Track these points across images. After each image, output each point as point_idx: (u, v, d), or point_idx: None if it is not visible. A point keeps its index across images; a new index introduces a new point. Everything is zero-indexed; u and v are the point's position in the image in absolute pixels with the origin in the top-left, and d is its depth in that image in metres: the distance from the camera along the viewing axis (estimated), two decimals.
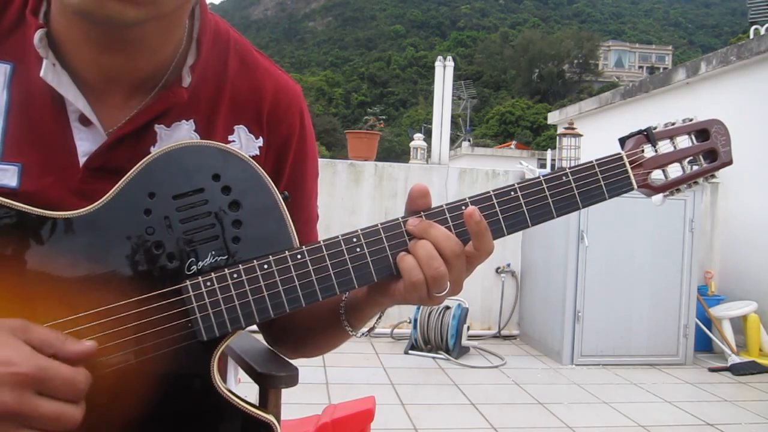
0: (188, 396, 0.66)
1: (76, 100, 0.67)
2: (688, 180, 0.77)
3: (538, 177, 0.72)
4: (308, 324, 0.82)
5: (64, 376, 0.55)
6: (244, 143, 0.77)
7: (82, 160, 0.68)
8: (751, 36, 6.02)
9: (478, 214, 0.66)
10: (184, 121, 0.73)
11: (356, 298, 0.75)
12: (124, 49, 0.67)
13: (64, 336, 0.57)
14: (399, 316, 4.73)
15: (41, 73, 0.65)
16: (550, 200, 0.71)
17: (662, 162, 0.76)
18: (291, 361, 0.96)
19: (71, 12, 0.62)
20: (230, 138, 0.76)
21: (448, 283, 0.67)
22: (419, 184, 0.69)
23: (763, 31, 6.19)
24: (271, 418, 0.67)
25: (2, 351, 0.52)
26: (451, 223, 0.68)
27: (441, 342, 4.24)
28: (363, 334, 0.79)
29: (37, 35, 0.65)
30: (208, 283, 0.64)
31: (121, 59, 0.68)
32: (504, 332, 4.98)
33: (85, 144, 0.68)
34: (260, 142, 0.78)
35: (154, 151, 0.70)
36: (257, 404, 0.82)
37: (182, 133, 0.72)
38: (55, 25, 0.68)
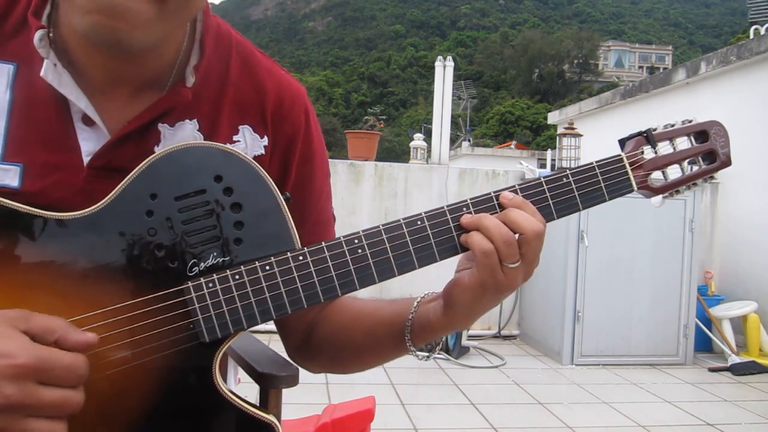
0: (190, 396, 0.66)
1: (78, 99, 0.67)
2: (687, 181, 0.77)
3: (539, 178, 0.72)
4: (362, 342, 0.81)
5: (65, 363, 0.55)
6: (249, 143, 0.77)
7: (86, 159, 0.68)
8: (751, 36, 6.02)
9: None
10: (187, 120, 0.73)
11: (426, 317, 0.74)
12: (130, 54, 0.67)
13: (66, 323, 0.57)
14: None
15: (41, 73, 0.65)
16: (550, 202, 0.71)
17: (662, 163, 0.76)
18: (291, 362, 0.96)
19: (81, 35, 0.63)
20: (235, 138, 0.76)
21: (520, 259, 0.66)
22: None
23: (763, 31, 6.19)
24: (272, 418, 0.67)
25: (1, 343, 0.52)
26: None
27: (441, 342, 4.23)
28: (424, 357, 0.79)
29: (37, 35, 0.66)
30: (210, 284, 0.64)
31: (126, 63, 0.68)
32: (504, 332, 4.98)
33: (89, 144, 0.68)
34: (265, 141, 0.78)
35: (158, 151, 0.70)
36: (258, 404, 0.83)
37: (186, 133, 0.73)
38: (62, 29, 0.68)
